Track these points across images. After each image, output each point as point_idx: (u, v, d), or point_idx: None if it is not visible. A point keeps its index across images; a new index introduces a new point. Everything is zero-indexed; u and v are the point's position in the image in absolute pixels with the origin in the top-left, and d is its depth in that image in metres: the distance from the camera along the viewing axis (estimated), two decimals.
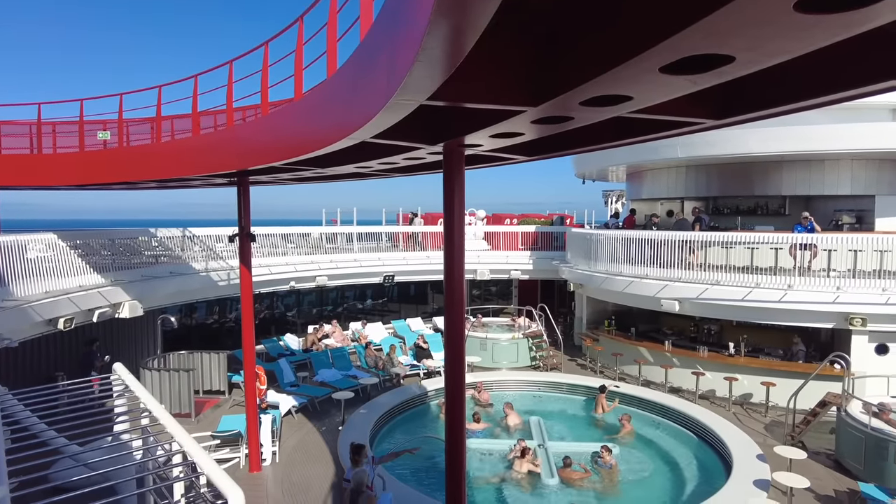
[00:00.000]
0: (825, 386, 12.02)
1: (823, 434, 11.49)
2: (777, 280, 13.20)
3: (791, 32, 1.93)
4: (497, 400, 14.27)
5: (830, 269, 13.21)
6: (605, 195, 29.49)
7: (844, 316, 12.57)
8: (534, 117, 3.44)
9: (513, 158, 5.82)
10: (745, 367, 13.98)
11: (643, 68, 2.28)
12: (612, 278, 16.16)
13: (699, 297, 14.00)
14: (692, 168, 17.79)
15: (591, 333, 18.16)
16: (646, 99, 2.98)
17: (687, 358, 14.90)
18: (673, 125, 3.85)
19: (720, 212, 17.62)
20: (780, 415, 12.73)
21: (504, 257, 23.09)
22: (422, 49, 2.11)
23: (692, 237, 14.73)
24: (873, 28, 1.96)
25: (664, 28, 1.88)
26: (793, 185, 15.95)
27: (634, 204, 21.09)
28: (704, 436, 11.82)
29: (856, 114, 15.08)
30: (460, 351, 5.46)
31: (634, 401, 13.82)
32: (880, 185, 15.22)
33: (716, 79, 2.52)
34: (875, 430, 9.86)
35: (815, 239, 13.41)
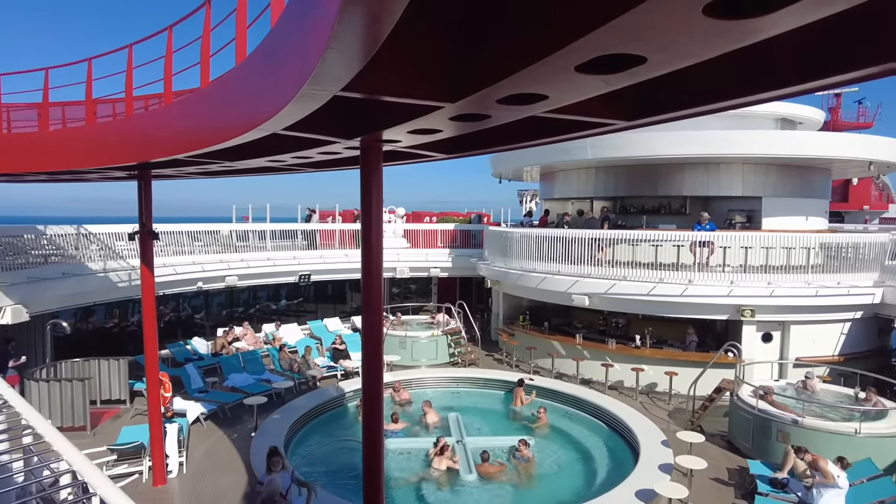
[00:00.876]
0: (721, 373, 12.94)
1: (718, 418, 12.36)
2: (679, 275, 14.08)
3: (699, 36, 2.00)
4: (416, 398, 14.25)
5: (725, 265, 14.27)
6: (521, 194, 30.30)
7: (737, 308, 13.63)
8: (452, 114, 3.40)
9: (432, 156, 5.77)
10: (650, 358, 14.81)
11: (559, 66, 2.29)
12: (526, 275, 16.59)
13: (608, 293, 14.68)
14: (601, 169, 18.58)
15: (507, 329, 18.55)
16: (561, 98, 3.02)
17: (597, 350, 15.57)
18: (587, 125, 3.94)
19: (627, 211, 18.53)
20: (681, 402, 13.60)
21: (424, 255, 23.12)
22: (333, 36, 2.00)
23: (601, 235, 15.41)
24: (773, 37, 2.06)
25: (579, 26, 1.87)
26: (693, 186, 17.06)
27: (547, 203, 21.77)
28: (614, 425, 12.38)
29: (746, 121, 16.39)
30: (378, 350, 5.35)
31: (548, 393, 14.24)
32: (766, 188, 16.61)
33: (628, 79, 2.57)
34: (761, 411, 10.75)
35: (712, 237, 14.43)
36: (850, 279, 13.91)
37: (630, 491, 8.83)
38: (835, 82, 2.81)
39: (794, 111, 18.18)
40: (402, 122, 3.62)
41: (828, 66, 2.54)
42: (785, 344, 14.20)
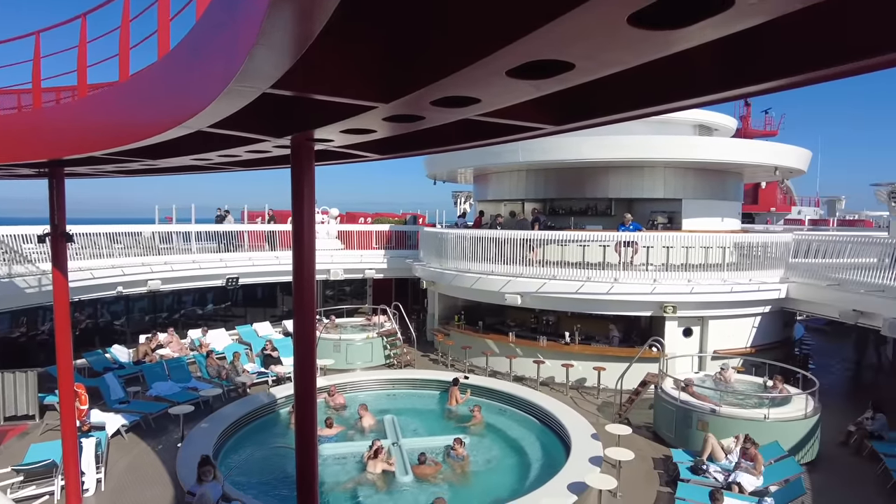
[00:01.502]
0: (645, 367, 13.55)
1: (644, 410, 12.94)
2: (605, 274, 14.64)
3: (624, 44, 2.09)
4: (352, 402, 14.06)
5: (648, 264, 14.96)
6: (455, 196, 30.52)
7: (660, 304, 14.33)
8: (386, 114, 3.39)
9: (366, 156, 5.72)
10: (579, 353, 15.32)
11: (491, 70, 2.33)
12: (461, 275, 16.76)
13: (539, 291, 15.07)
14: (532, 172, 19.04)
15: (442, 329, 18.66)
16: (493, 102, 3.07)
17: (529, 348, 15.95)
18: (518, 129, 4.02)
19: (556, 212, 19.08)
20: (609, 396, 14.15)
21: (358, 256, 22.87)
22: (263, 32, 1.95)
23: (532, 236, 15.80)
24: (693, 48, 2.18)
25: (509, 32, 1.92)
26: (618, 188, 17.77)
27: (481, 205, 22.07)
28: (546, 420, 12.70)
29: (668, 127, 17.24)
30: (310, 354, 5.25)
31: (483, 391, 14.43)
32: (686, 190, 17.56)
33: (557, 85, 2.66)
34: (683, 402, 11.35)
35: (636, 237, 15.10)
36: (760, 276, 14.94)
37: (562, 484, 9.08)
38: (748, 92, 3.02)
39: (711, 119, 19.32)
40: (335, 122, 3.57)
41: (741, 77, 2.73)
42: (704, 338, 15.06)
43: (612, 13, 1.74)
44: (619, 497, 9.30)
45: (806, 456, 10.63)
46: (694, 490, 9.10)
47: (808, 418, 10.75)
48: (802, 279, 14.88)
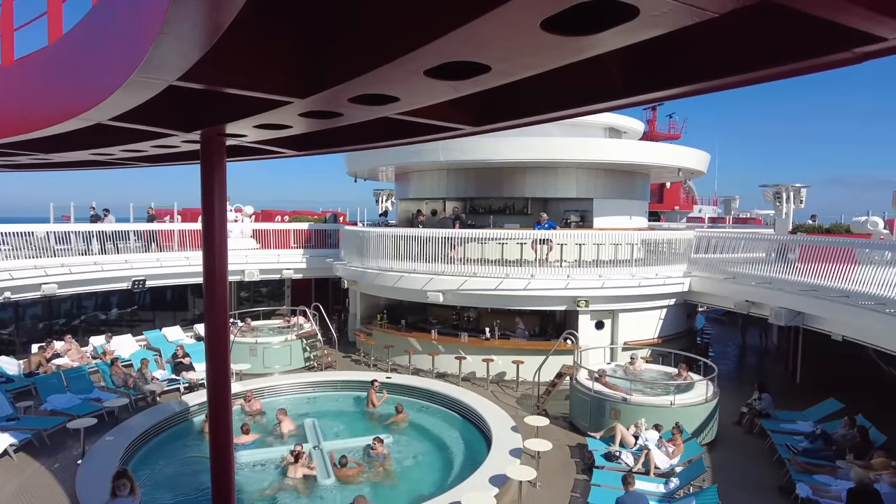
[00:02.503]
0: (561, 360, 14.06)
1: (561, 401, 13.43)
2: (522, 271, 15.08)
3: (538, 49, 2.16)
4: (270, 407, 13.62)
5: (563, 261, 15.54)
6: (376, 194, 30.31)
7: (573, 299, 14.94)
8: (302, 110, 3.31)
9: (282, 152, 5.56)
10: (499, 348, 15.67)
11: (409, 70, 2.34)
12: (383, 274, 16.67)
13: (460, 289, 15.28)
14: (452, 171, 19.24)
15: (364, 329, 18.47)
16: (412, 101, 3.08)
17: (451, 344, 16.13)
18: (438, 129, 4.06)
19: (476, 211, 19.39)
20: (528, 388, 14.58)
21: (275, 256, 22.13)
22: (167, 20, 1.85)
23: (453, 234, 15.98)
24: (604, 55, 2.29)
25: (426, 34, 1.93)
26: (534, 188, 18.33)
27: (403, 203, 22.04)
28: (468, 415, 12.90)
29: (580, 130, 17.96)
30: (224, 359, 5.04)
31: (406, 390, 14.44)
32: (597, 190, 18.39)
33: (475, 86, 2.71)
34: (597, 392, 11.90)
35: (551, 235, 15.65)
36: (665, 271, 15.92)
37: (484, 478, 9.26)
38: (655, 97, 3.20)
39: (620, 122, 20.32)
40: (248, 116, 3.45)
41: (650, 83, 2.89)
42: (615, 330, 15.86)
43: (526, 18, 1.79)
44: (538, 487, 9.61)
45: (707, 437, 11.46)
46: (607, 476, 9.57)
47: (708, 402, 11.59)
48: (703, 273, 16.01)
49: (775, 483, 9.91)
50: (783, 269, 13.65)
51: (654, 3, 1.80)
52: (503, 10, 1.68)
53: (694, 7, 1.84)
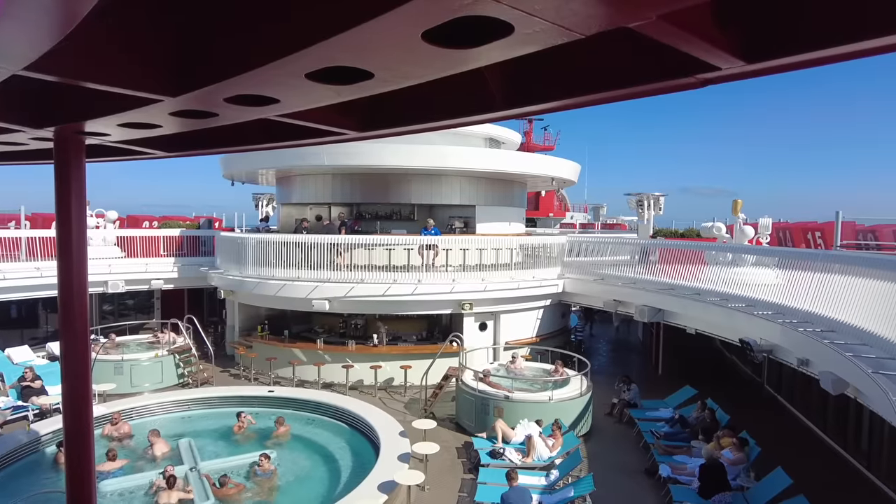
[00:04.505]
0: (448, 362, 14.35)
1: (448, 403, 13.69)
2: (410, 276, 15.20)
3: (420, 59, 2.21)
4: (140, 429, 12.49)
5: (448, 265, 15.89)
6: (256, 198, 29.05)
7: (458, 302, 15.32)
8: (173, 109, 3.10)
9: (150, 153, 5.14)
10: (386, 354, 15.66)
11: (289, 72, 2.29)
12: (264, 282, 15.99)
13: (347, 296, 15.07)
14: (338, 176, 18.95)
15: (244, 341, 17.57)
16: (293, 104, 3.01)
17: (337, 353, 15.84)
18: (321, 133, 3.98)
19: (363, 217, 19.26)
20: (416, 393, 14.68)
21: (143, 265, 20.35)
22: (10, 2, 1.66)
23: (339, 240, 15.73)
24: (485, 67, 2.39)
25: (306, 36, 1.91)
26: (419, 194, 18.57)
27: (285, 208, 21.32)
28: (355, 424, 12.71)
29: (463, 139, 18.49)
30: (84, 380, 4.56)
31: (290, 402, 13.92)
32: (479, 197, 19.03)
33: (358, 92, 2.70)
34: (481, 392, 12.28)
35: (436, 240, 15.93)
36: (542, 273, 16.83)
37: (373, 485, 9.18)
38: (532, 111, 3.39)
39: (499, 133, 21.20)
40: (111, 114, 3.17)
41: (527, 97, 3.06)
42: (497, 331, 16.47)
43: (406, 29, 1.83)
44: (426, 490, 9.72)
45: (582, 429, 12.25)
46: (493, 473, 9.90)
47: (583, 396, 12.40)
48: (575, 275, 17.13)
49: (642, 466, 10.83)
50: (645, 270, 15.00)
51: (526, 22, 1.91)
52: (383, 19, 1.71)
53: (563, 28, 1.98)
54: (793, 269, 11.24)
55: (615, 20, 1.98)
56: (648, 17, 1.95)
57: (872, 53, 2.07)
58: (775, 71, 2.45)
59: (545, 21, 1.87)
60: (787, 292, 10.74)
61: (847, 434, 11.21)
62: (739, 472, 9.72)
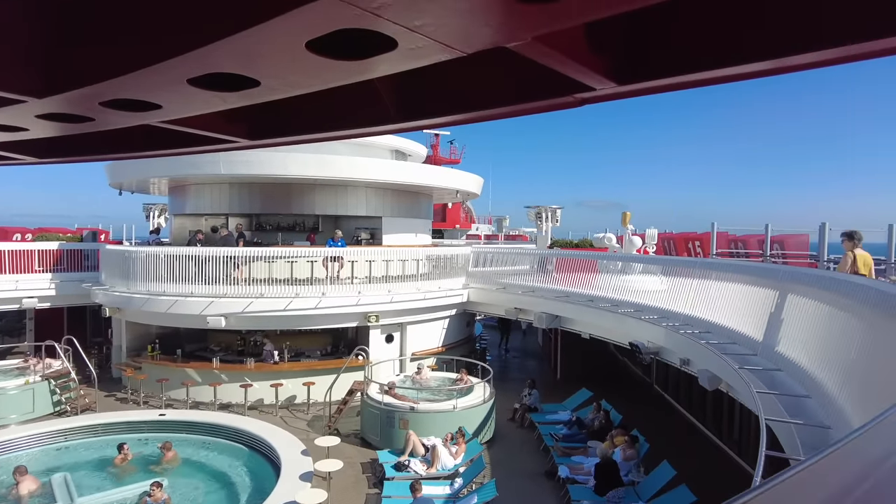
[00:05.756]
0: (353, 376, 14.14)
1: (353, 418, 13.46)
2: (313, 289, 14.85)
3: (307, 69, 2.21)
4: (6, 467, 11.19)
5: (354, 277, 15.70)
6: (147, 209, 27.28)
7: (364, 315, 15.16)
8: (41, 111, 2.87)
9: (18, 158, 4.69)
10: (288, 371, 15.15)
11: (169, 77, 2.22)
12: (154, 299, 14.96)
13: (245, 311, 14.45)
14: (236, 185, 18.22)
15: (132, 362, 16.31)
16: (177, 110, 2.90)
17: (235, 372, 15.11)
18: (209, 140, 3.84)
19: (263, 228, 18.62)
20: (320, 409, 14.33)
21: (12, 283, 18.31)
22: None
23: (237, 253, 15.08)
24: (377, 80, 2.43)
25: (184, 41, 1.87)
26: (324, 205, 18.25)
27: (179, 220, 20.16)
28: (255, 445, 12.18)
29: (369, 150, 18.46)
30: None
31: (183, 426, 13.10)
32: (385, 209, 19.03)
33: (245, 100, 2.65)
34: (386, 405, 12.21)
35: (342, 252, 15.72)
36: (447, 284, 17.08)
37: None
38: (425, 125, 3.47)
39: (405, 145, 21.37)
40: None
41: (418, 111, 3.13)
42: (403, 342, 16.47)
43: (289, 39, 1.84)
44: None
45: (486, 435, 12.50)
46: (398, 486, 9.86)
47: (486, 403, 12.67)
48: (479, 285, 17.54)
49: (543, 469, 11.22)
50: (543, 279, 15.66)
51: (409, 38, 1.98)
52: (265, 27, 1.71)
53: (444, 45, 2.07)
54: (676, 276, 12.21)
55: (493, 40, 2.09)
56: (524, 38, 2.07)
57: (730, 80, 2.34)
58: (645, 92, 2.68)
59: (427, 38, 1.94)
60: (670, 297, 11.64)
61: (722, 425, 12.27)
62: (631, 467, 10.34)
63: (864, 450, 1.38)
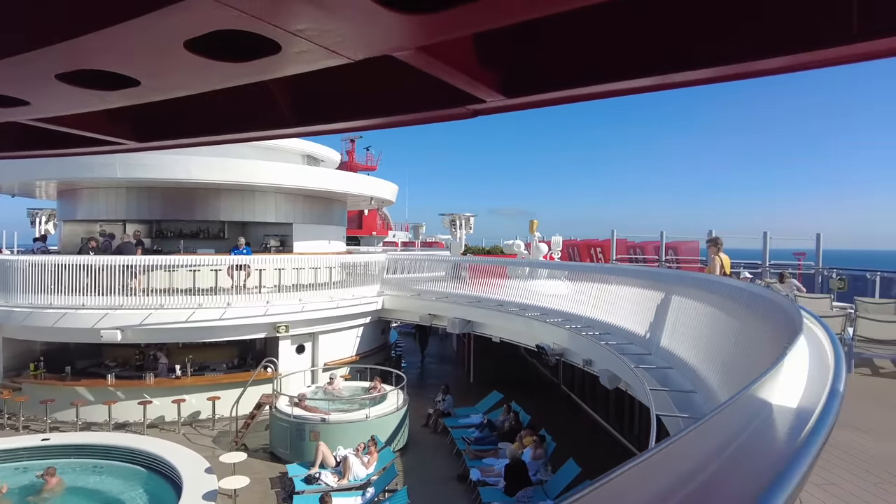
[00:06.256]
0: (261, 389, 13.65)
1: (261, 432, 12.98)
2: (218, 299, 14.19)
3: (188, 70, 2.14)
4: None
5: (262, 286, 15.17)
6: (33, 214, 25.11)
7: (273, 325, 14.67)
8: None
9: None
10: (192, 386, 14.36)
11: (33, 71, 2.08)
12: (39, 312, 13.68)
13: (143, 324, 13.57)
14: (134, 190, 17.12)
15: (10, 383, 14.77)
16: (48, 108, 2.71)
17: (133, 389, 14.12)
18: (92, 142, 3.60)
19: (164, 235, 17.61)
20: (226, 425, 13.69)
21: None
22: None
23: (135, 261, 14.14)
24: (271, 82, 2.38)
25: (46, 32, 1.77)
26: (230, 211, 17.53)
27: (69, 226, 18.64)
28: (154, 465, 11.42)
29: (279, 155, 17.97)
30: None
31: (72, 450, 12.04)
32: (296, 215, 18.57)
33: (126, 99, 2.52)
34: (296, 417, 11.89)
35: (248, 260, 15.15)
36: (361, 292, 16.89)
37: None
38: (320, 130, 3.44)
39: (318, 150, 20.97)
40: None
41: (314, 117, 3.10)
42: (315, 352, 16.08)
43: (164, 37, 1.78)
44: None
45: (399, 442, 12.46)
46: (308, 500, 9.61)
47: (399, 410, 12.64)
48: (394, 292, 17.50)
49: (455, 473, 11.33)
50: (457, 285, 15.88)
51: (292, 42, 1.97)
52: (136, 25, 1.65)
53: (329, 51, 2.07)
54: (579, 280, 12.78)
55: (377, 48, 2.12)
56: (408, 48, 2.11)
57: (617, 94, 2.50)
58: (532, 106, 2.80)
59: (310, 42, 1.94)
60: (574, 301, 12.17)
61: (624, 422, 12.96)
62: (539, 467, 10.68)
63: (712, 431, 1.53)
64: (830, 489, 4.33)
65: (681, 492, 1.09)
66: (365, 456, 10.86)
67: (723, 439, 1.51)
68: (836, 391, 2.10)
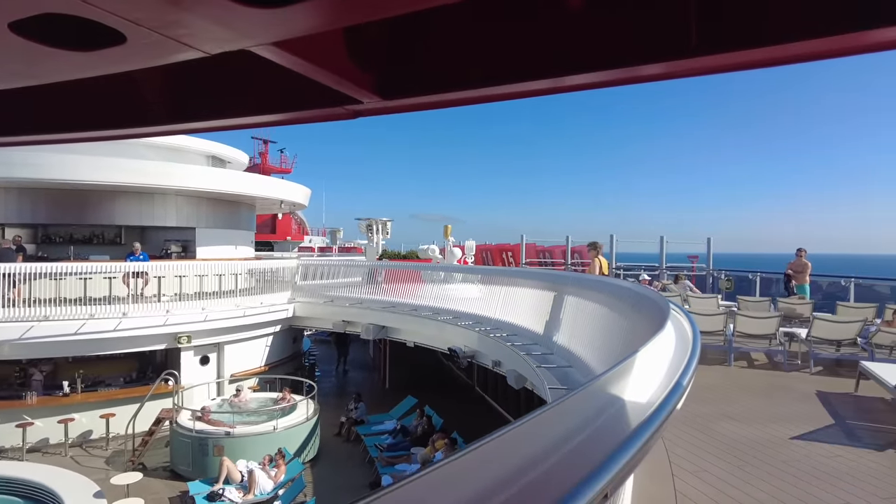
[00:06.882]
0: (161, 403, 12.84)
1: (161, 449, 12.22)
2: (112, 309, 13.22)
3: (19, 57, 1.96)
4: None
5: (161, 295, 14.30)
6: None
7: (174, 336, 13.84)
8: None
9: None
10: (82, 403, 13.26)
11: None
12: None
13: (24, 337, 12.38)
14: (14, 191, 15.65)
15: None
16: None
17: (11, 410, 12.83)
18: None
19: (52, 240, 16.25)
20: (121, 443, 12.77)
21: None
22: None
23: (14, 269, 12.89)
24: (141, 77, 2.22)
25: None
26: (127, 215, 16.43)
27: None
28: (34, 495, 10.40)
29: (181, 155, 17.05)
30: None
31: None
32: (200, 219, 17.68)
33: None
34: (199, 432, 11.30)
35: (146, 267, 14.23)
36: (270, 299, 16.31)
37: None
38: (193, 128, 3.28)
39: (223, 151, 20.10)
40: None
41: (184, 113, 2.94)
42: (221, 363, 15.32)
43: None
44: None
45: (310, 453, 12.14)
46: None
47: (309, 420, 12.31)
48: (306, 299, 17.04)
49: (367, 481, 11.18)
50: (373, 290, 15.72)
51: (136, 32, 1.85)
52: None
53: (180, 43, 1.96)
54: (490, 283, 13.02)
55: (229, 42, 2.03)
56: (262, 43, 2.02)
57: (505, 98, 2.52)
58: (412, 108, 2.80)
59: (156, 33, 1.83)
60: (484, 304, 12.37)
61: None
62: None
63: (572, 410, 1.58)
64: (702, 475, 4.64)
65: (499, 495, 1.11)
66: (272, 469, 10.48)
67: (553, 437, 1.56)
68: (681, 384, 2.23)
